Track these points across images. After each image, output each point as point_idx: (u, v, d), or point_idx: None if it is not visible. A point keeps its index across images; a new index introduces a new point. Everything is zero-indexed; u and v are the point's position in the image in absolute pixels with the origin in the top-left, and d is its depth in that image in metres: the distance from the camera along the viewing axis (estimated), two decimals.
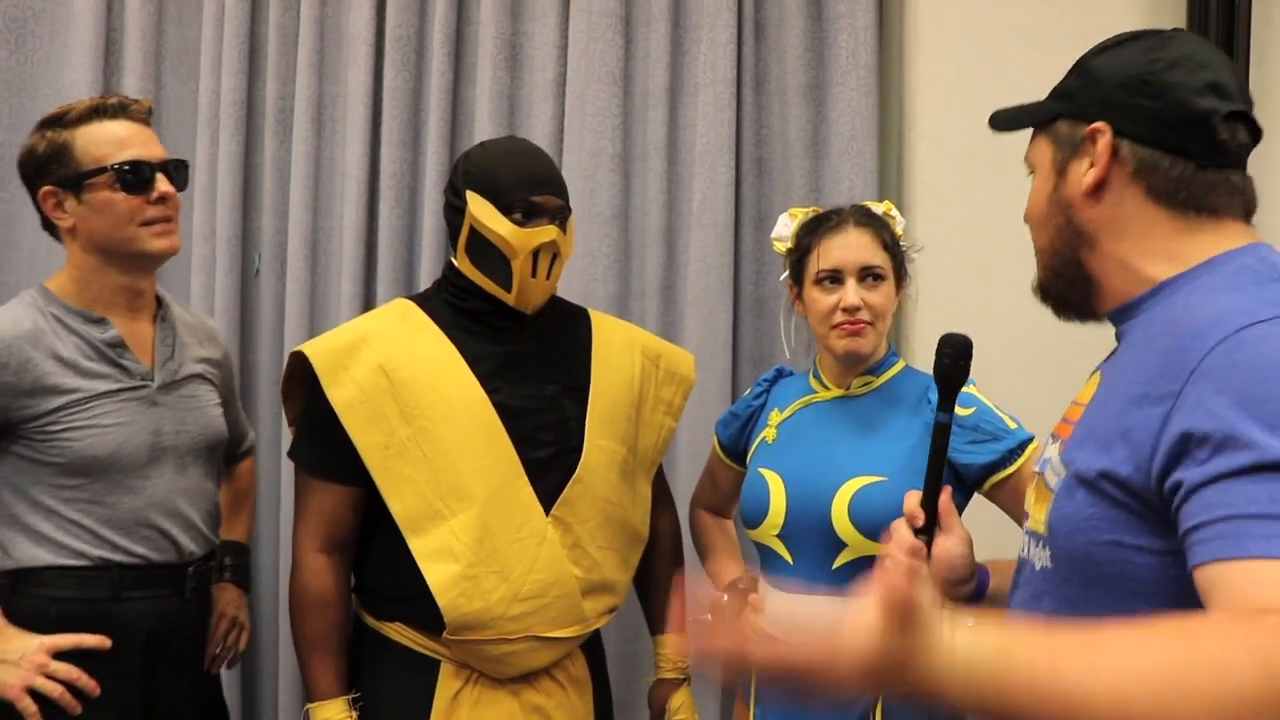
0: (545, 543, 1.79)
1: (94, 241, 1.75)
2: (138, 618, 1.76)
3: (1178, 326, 1.05)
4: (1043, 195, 1.25)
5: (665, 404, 2.01)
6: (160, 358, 1.83)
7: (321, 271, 2.59)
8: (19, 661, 1.65)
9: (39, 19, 2.51)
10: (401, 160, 2.53)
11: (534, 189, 1.79)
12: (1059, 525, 1.11)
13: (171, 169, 1.79)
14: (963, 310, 2.33)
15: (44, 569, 1.71)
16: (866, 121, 2.45)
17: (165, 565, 1.79)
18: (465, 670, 1.81)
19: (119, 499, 1.74)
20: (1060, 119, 1.23)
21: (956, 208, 2.39)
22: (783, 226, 1.94)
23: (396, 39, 2.51)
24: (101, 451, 1.71)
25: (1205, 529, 0.93)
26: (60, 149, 1.74)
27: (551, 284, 1.84)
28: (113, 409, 1.74)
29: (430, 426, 1.77)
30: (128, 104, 1.79)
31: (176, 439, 1.81)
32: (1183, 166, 1.14)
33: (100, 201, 1.73)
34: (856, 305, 1.78)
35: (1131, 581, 1.05)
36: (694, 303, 2.48)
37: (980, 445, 1.74)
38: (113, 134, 1.75)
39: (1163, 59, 1.16)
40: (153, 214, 1.75)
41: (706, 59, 2.48)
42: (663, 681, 2.06)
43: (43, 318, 1.73)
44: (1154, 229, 1.16)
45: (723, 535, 2.13)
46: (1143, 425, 1.02)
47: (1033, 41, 2.36)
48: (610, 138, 2.50)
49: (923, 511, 1.42)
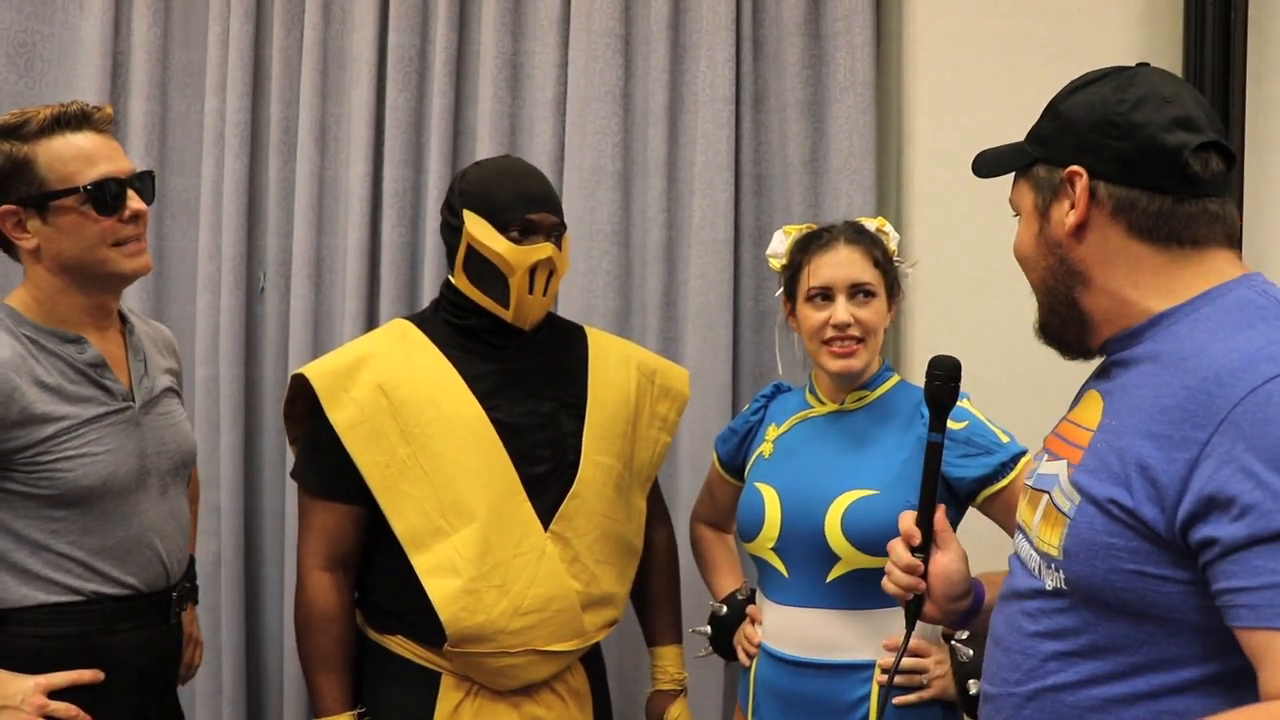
0: (545, 557, 1.81)
1: (61, 263, 1.63)
2: (128, 649, 1.70)
3: (1195, 365, 1.07)
4: (1030, 237, 1.28)
5: (660, 419, 2.03)
6: (135, 375, 1.74)
7: (325, 289, 2.61)
8: (20, 705, 1.57)
9: (47, 43, 2.54)
10: (404, 179, 2.56)
11: (530, 207, 1.82)
12: (1077, 551, 1.13)
13: (139, 182, 1.67)
14: (960, 324, 2.34)
15: (33, 608, 1.62)
16: (865, 138, 2.46)
17: (152, 594, 1.73)
18: (466, 682, 1.82)
19: (111, 528, 1.66)
20: (1038, 163, 1.26)
21: (955, 223, 2.40)
22: (778, 243, 1.96)
23: (399, 60, 2.54)
24: (95, 480, 1.63)
25: (1249, 594, 0.97)
26: (21, 164, 1.59)
27: (548, 300, 1.87)
28: (102, 434, 1.65)
29: (430, 444, 1.79)
30: (90, 112, 1.65)
31: (159, 460, 1.74)
32: (1160, 201, 1.17)
33: (69, 224, 1.61)
34: (847, 322, 1.80)
35: (1156, 608, 1.08)
36: (694, 319, 2.49)
37: (972, 459, 1.75)
38: (79, 149, 1.61)
39: (1128, 99, 1.18)
40: (126, 233, 1.65)
41: (705, 76, 2.50)
42: (660, 693, 2.07)
43: (16, 341, 1.61)
44: (1140, 264, 1.19)
45: (723, 549, 2.15)
46: (1166, 469, 1.04)
47: (1031, 56, 2.37)
48: (610, 155, 2.52)
49: (919, 530, 1.47)
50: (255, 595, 2.62)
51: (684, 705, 2.07)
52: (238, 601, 2.53)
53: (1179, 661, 1.08)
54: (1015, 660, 1.21)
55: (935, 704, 1.77)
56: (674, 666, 2.08)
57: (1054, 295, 1.26)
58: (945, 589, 1.46)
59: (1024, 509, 1.28)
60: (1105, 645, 1.12)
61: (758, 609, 1.91)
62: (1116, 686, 1.11)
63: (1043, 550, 1.19)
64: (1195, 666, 1.07)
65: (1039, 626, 1.19)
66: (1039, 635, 1.19)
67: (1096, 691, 1.13)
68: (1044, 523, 1.20)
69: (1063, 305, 1.25)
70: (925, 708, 1.77)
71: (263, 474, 2.62)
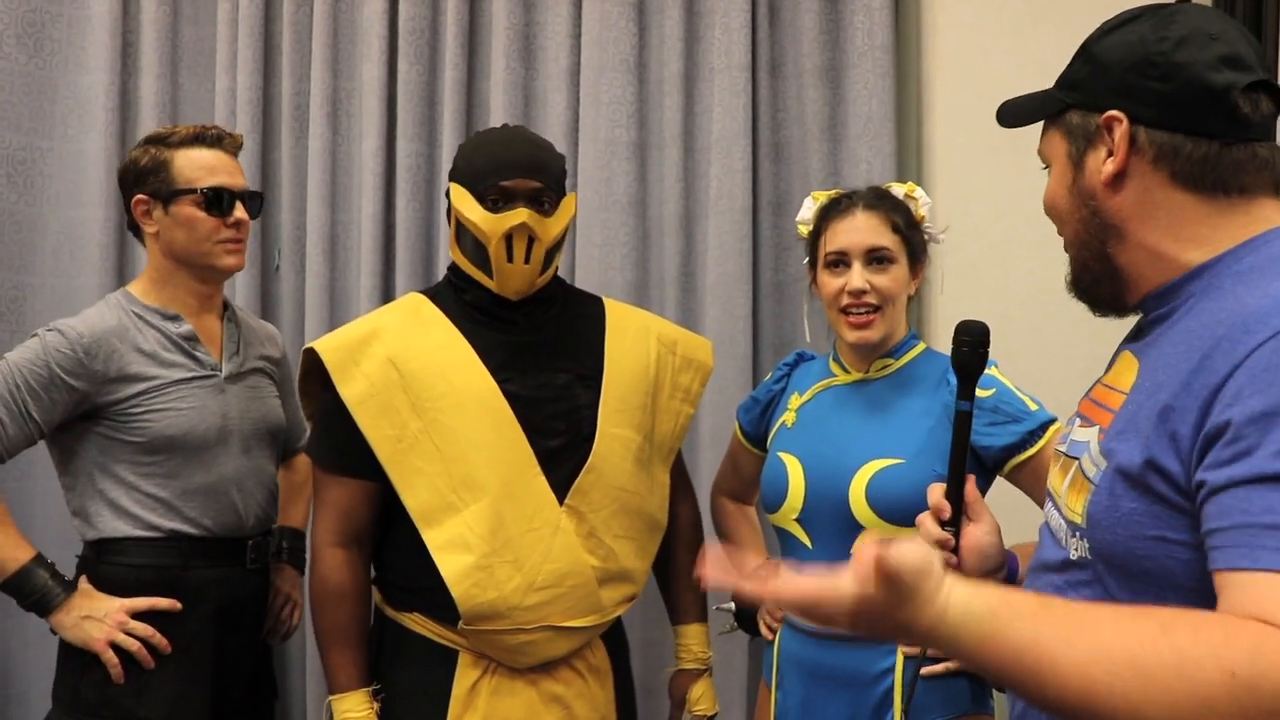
0: (559, 532, 1.79)
1: (172, 250, 1.98)
2: (205, 585, 1.96)
3: (1228, 316, 1.01)
4: (1062, 189, 1.21)
5: (683, 391, 2.00)
6: (228, 352, 2.05)
7: (340, 266, 2.60)
8: (103, 619, 1.87)
9: (56, 22, 2.53)
10: (417, 154, 2.54)
11: (502, 174, 1.78)
12: (1100, 518, 1.07)
13: (248, 198, 2.01)
14: (983, 292, 2.31)
15: (123, 539, 1.92)
16: (884, 103, 2.42)
17: (227, 538, 1.99)
18: (483, 660, 1.80)
19: (191, 474, 1.95)
20: (1071, 110, 1.19)
21: (976, 189, 2.36)
22: (805, 210, 1.93)
23: (410, 33, 2.52)
24: (176, 431, 1.92)
25: (1222, 535, 0.92)
26: (159, 164, 1.96)
27: (533, 269, 1.81)
28: (186, 394, 1.95)
29: (441, 418, 1.77)
30: (223, 136, 2.02)
31: (241, 423, 2.02)
32: (1206, 147, 1.09)
33: (184, 216, 1.96)
34: (862, 289, 1.76)
35: (1173, 577, 1.02)
36: (713, 289, 2.46)
37: (1000, 427, 1.71)
38: (205, 160, 1.97)
39: (1170, 36, 1.11)
40: (227, 235, 1.98)
41: (721, 44, 2.46)
42: (683, 672, 2.05)
43: (126, 316, 1.96)
44: (1182, 214, 1.12)
45: (745, 521, 2.12)
46: (1184, 419, 0.99)
47: (1052, 18, 2.32)
48: (625, 126, 2.49)
49: (948, 504, 1.39)
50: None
51: (708, 684, 2.05)
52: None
53: None
54: None
55: (962, 675, 1.75)
56: (698, 645, 2.06)
57: (1086, 250, 1.19)
58: (979, 563, 1.37)
59: (1055, 476, 1.23)
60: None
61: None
62: None
63: (1069, 518, 1.14)
64: None
65: (1068, 598, 1.13)
66: None
67: None
68: (1071, 489, 1.14)
69: (1095, 260, 1.19)
70: (952, 679, 1.74)
71: None
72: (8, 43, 2.48)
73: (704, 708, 2.03)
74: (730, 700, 2.39)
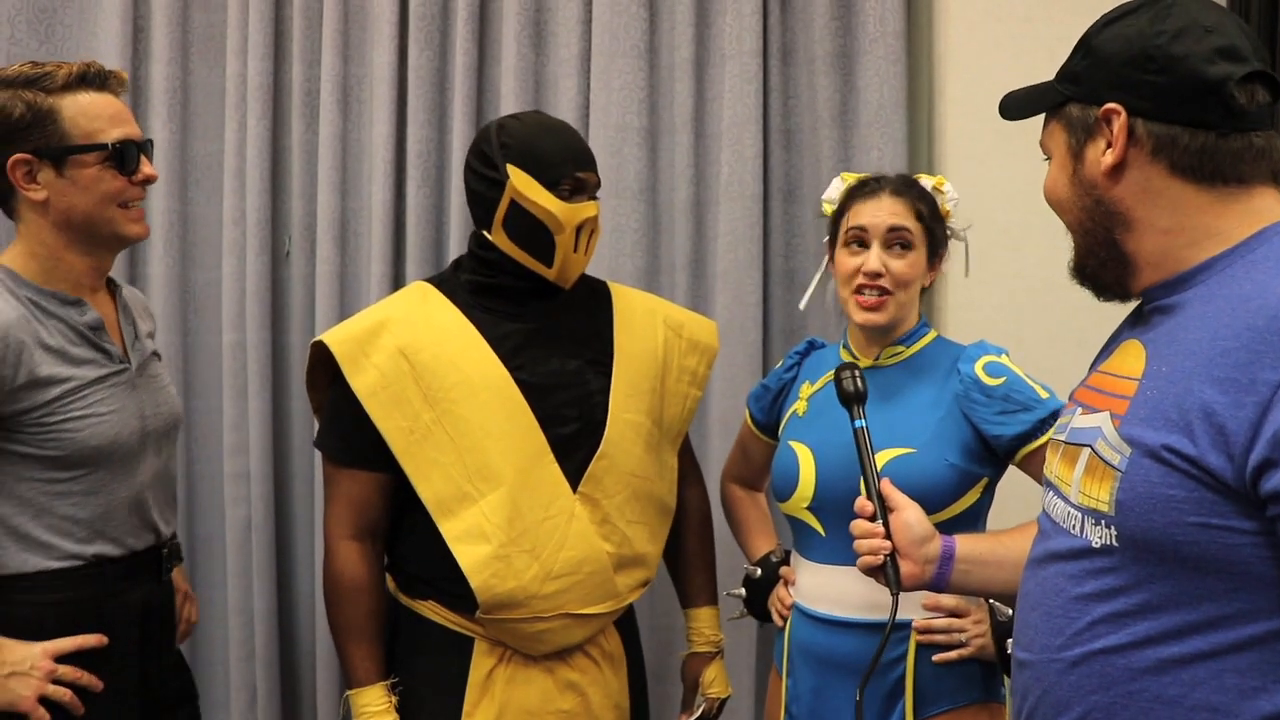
0: (575, 519, 1.79)
1: (68, 219, 1.64)
2: (129, 607, 1.72)
3: (1259, 305, 1.03)
4: (1063, 178, 1.23)
5: (690, 374, 1.99)
6: (128, 339, 1.76)
7: (351, 253, 2.59)
8: (29, 671, 1.58)
9: (67, 8, 2.52)
10: (428, 140, 2.53)
11: (579, 165, 1.80)
12: (1132, 505, 1.08)
13: (149, 149, 1.72)
14: (994, 279, 2.30)
15: (35, 574, 1.62)
16: (895, 90, 2.41)
17: (144, 552, 1.75)
18: (499, 648, 1.81)
19: (114, 489, 1.68)
20: (1070, 102, 1.21)
21: (988, 176, 2.35)
22: (833, 189, 1.93)
23: (420, 18, 2.51)
24: (102, 440, 1.64)
25: None
26: (43, 115, 1.60)
27: (589, 259, 1.86)
28: (105, 395, 1.66)
29: (454, 408, 1.76)
30: (106, 75, 1.68)
31: (155, 422, 1.77)
32: (1203, 138, 1.12)
33: (87, 178, 1.63)
34: (878, 271, 1.76)
35: (1220, 562, 1.03)
36: (723, 276, 2.46)
37: (1010, 416, 1.72)
38: (104, 108, 1.65)
39: (1166, 30, 1.13)
40: (133, 195, 1.68)
41: (732, 30, 2.45)
42: (695, 655, 2.06)
43: (19, 302, 1.62)
44: (1184, 205, 1.14)
45: (755, 508, 2.13)
46: (1235, 414, 1.00)
47: (1063, 4, 2.31)
48: (636, 112, 2.48)
49: (870, 503, 1.57)
50: (286, 560, 2.62)
51: (720, 667, 2.06)
52: (269, 566, 2.54)
53: (1243, 617, 1.03)
54: (1056, 624, 1.16)
55: (974, 663, 1.75)
56: (709, 628, 2.06)
57: (1092, 237, 1.22)
58: (908, 535, 1.53)
59: (1059, 464, 1.24)
60: (1160, 603, 1.07)
61: (791, 570, 1.89)
62: (1173, 646, 1.07)
63: (1087, 506, 1.14)
64: (1262, 621, 1.02)
65: (1085, 589, 1.14)
66: (1085, 598, 1.14)
67: (1151, 653, 1.08)
68: (1088, 477, 1.15)
69: (1102, 246, 1.21)
70: (964, 666, 1.75)
71: (291, 439, 2.61)
72: (19, 28, 2.47)
73: (717, 690, 2.04)
74: (738, 686, 2.40)
